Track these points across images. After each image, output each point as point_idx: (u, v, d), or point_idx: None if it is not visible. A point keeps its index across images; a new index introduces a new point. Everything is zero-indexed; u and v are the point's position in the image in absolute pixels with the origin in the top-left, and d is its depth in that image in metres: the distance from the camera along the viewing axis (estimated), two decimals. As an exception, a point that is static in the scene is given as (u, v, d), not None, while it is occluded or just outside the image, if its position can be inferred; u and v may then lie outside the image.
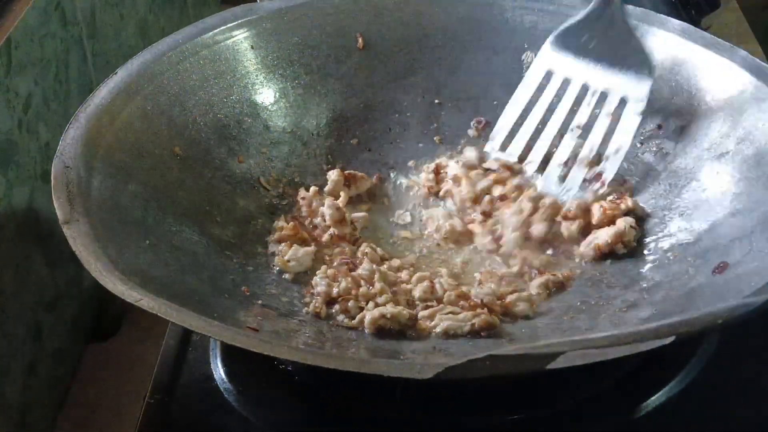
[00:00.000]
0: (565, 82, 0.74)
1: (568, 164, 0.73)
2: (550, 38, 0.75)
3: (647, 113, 0.73)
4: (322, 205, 0.73)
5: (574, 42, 0.74)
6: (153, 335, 0.84)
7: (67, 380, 0.86)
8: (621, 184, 0.74)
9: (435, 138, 0.81)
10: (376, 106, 0.82)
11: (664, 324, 0.48)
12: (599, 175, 0.72)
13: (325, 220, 0.72)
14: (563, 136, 0.74)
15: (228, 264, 0.68)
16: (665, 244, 0.68)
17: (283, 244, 0.71)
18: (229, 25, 0.78)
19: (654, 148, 0.75)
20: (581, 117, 0.73)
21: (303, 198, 0.74)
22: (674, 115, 0.74)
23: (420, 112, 0.82)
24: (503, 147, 0.75)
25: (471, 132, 0.81)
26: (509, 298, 0.66)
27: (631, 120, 0.72)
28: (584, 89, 0.73)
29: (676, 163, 0.73)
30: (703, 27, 0.81)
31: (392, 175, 0.79)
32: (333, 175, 0.76)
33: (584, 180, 0.72)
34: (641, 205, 0.72)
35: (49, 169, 0.63)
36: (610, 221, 0.71)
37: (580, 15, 0.74)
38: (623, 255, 0.69)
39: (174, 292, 0.58)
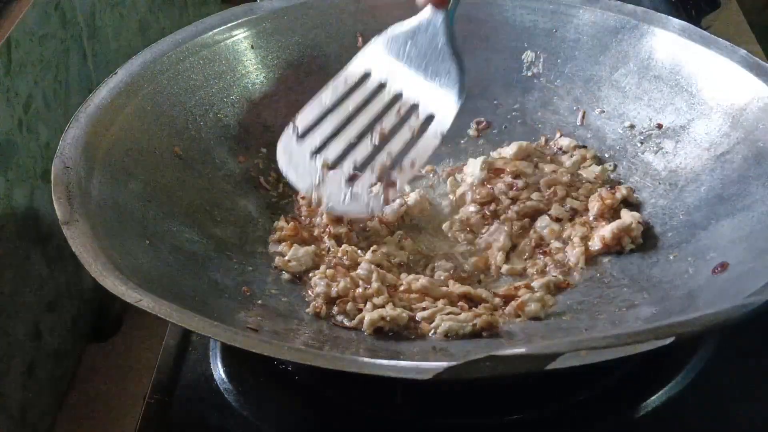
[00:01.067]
0: (381, 86, 0.71)
1: (359, 169, 0.69)
2: (380, 37, 0.72)
3: (644, 114, 0.73)
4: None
5: (399, 47, 0.71)
6: (153, 335, 0.84)
7: (67, 380, 0.86)
8: (612, 187, 0.74)
9: (435, 138, 0.81)
10: (376, 106, 0.81)
11: (664, 324, 0.48)
12: (390, 183, 0.68)
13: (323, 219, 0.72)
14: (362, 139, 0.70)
15: (228, 264, 0.68)
16: (665, 243, 0.68)
17: (283, 244, 0.71)
18: (229, 25, 0.79)
19: (654, 148, 0.75)
20: (386, 123, 0.70)
21: (302, 198, 0.74)
22: (674, 114, 0.74)
23: (420, 112, 0.82)
24: (302, 136, 0.70)
25: (471, 132, 0.81)
26: (522, 298, 0.65)
27: (431, 139, 0.68)
28: (396, 97, 0.70)
29: (676, 163, 0.73)
30: (703, 27, 0.81)
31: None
32: None
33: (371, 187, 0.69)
34: (632, 191, 0.73)
35: (49, 169, 0.63)
36: (610, 209, 0.71)
37: (411, 22, 0.71)
38: (623, 255, 0.69)
39: (174, 292, 0.58)
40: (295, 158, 0.70)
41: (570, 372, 0.48)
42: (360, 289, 0.66)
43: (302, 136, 0.71)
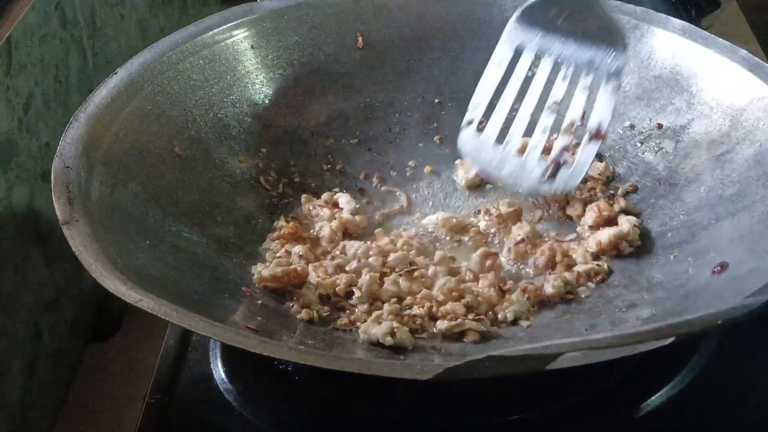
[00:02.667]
0: (537, 58, 0.70)
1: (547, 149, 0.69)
2: (516, 14, 0.71)
3: (645, 112, 0.73)
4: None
5: (540, 18, 0.70)
6: (153, 335, 0.84)
7: (67, 380, 0.86)
8: (612, 198, 0.74)
9: (435, 138, 0.81)
10: (376, 106, 0.82)
11: (664, 325, 0.48)
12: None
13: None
14: (540, 114, 0.70)
15: (228, 264, 0.68)
16: (665, 243, 0.68)
17: (275, 242, 0.71)
18: (229, 25, 0.79)
19: (654, 148, 0.75)
20: (557, 93, 0.69)
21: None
22: (674, 114, 0.74)
23: (420, 112, 0.82)
24: (480, 128, 0.70)
25: (471, 132, 0.81)
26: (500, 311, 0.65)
27: (608, 96, 0.67)
28: (557, 65, 0.70)
29: (676, 163, 0.73)
30: (703, 27, 0.81)
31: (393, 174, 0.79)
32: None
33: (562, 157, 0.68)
34: (632, 204, 0.73)
35: (49, 169, 0.63)
36: (606, 222, 0.71)
37: None
38: (621, 255, 0.69)
39: (174, 292, 0.59)
40: (483, 154, 0.70)
41: (570, 372, 0.48)
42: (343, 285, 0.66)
43: (480, 129, 0.70)
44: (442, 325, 0.63)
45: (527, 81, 0.70)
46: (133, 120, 0.70)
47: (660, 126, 0.75)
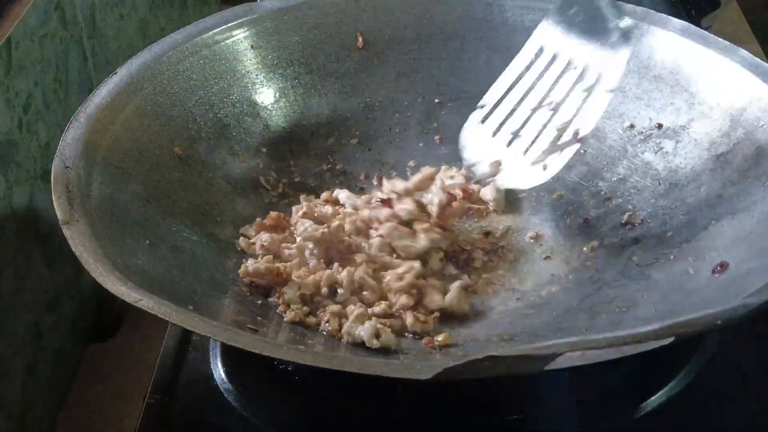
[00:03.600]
0: (553, 58, 0.72)
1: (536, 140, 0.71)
2: (550, 12, 0.73)
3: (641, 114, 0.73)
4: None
5: (564, 16, 0.72)
6: (153, 335, 0.84)
7: (67, 380, 0.86)
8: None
9: (435, 137, 0.81)
10: (376, 106, 0.82)
11: (664, 325, 0.48)
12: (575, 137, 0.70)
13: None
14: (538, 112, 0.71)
15: (228, 264, 0.68)
16: (665, 243, 0.68)
17: (251, 227, 0.72)
18: (229, 25, 0.79)
19: (654, 148, 0.75)
20: (558, 94, 0.71)
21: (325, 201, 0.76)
22: (674, 114, 0.74)
23: (420, 112, 0.82)
24: (483, 120, 0.73)
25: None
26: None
27: (600, 97, 0.68)
28: (568, 65, 0.71)
29: (676, 163, 0.73)
30: (703, 27, 0.81)
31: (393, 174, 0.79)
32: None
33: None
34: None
35: (49, 169, 0.63)
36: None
37: None
38: (623, 255, 0.69)
39: (174, 292, 0.59)
40: (477, 141, 0.73)
41: (570, 372, 0.48)
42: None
43: (484, 120, 0.72)
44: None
45: (538, 79, 0.72)
46: (133, 120, 0.70)
47: (660, 126, 0.75)
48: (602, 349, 0.48)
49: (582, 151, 0.77)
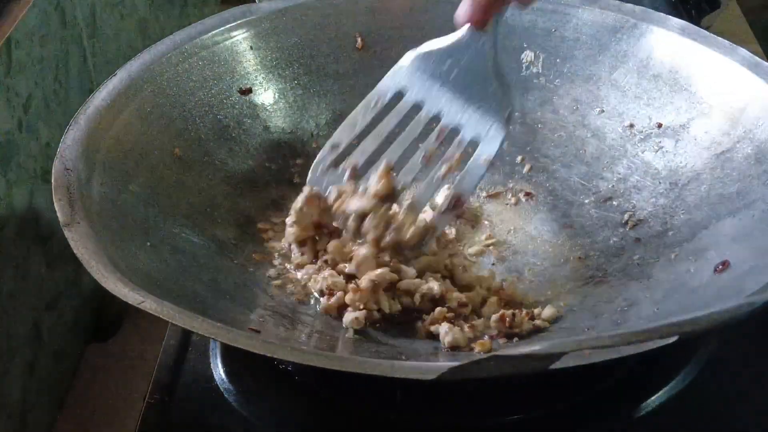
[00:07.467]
0: (416, 107, 0.66)
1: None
2: (411, 55, 0.67)
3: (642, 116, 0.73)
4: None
5: (434, 67, 0.65)
6: (153, 335, 0.84)
7: (67, 380, 0.86)
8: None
9: (435, 138, 0.81)
10: (376, 107, 0.81)
11: (667, 323, 0.48)
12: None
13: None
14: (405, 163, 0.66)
15: (229, 265, 0.68)
16: (666, 242, 0.68)
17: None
18: (228, 26, 0.78)
19: (654, 147, 0.75)
20: (427, 147, 0.66)
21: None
22: (674, 113, 0.75)
23: (419, 112, 0.82)
24: (335, 164, 0.67)
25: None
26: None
27: (477, 168, 0.64)
28: (434, 120, 0.66)
29: (677, 162, 0.73)
30: (703, 26, 0.81)
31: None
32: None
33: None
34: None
35: (49, 170, 0.63)
36: None
37: (448, 39, 0.65)
38: (623, 254, 0.69)
39: (175, 293, 0.59)
40: (327, 178, 0.67)
41: (571, 372, 0.48)
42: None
43: (336, 161, 0.67)
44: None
45: (399, 126, 0.67)
46: (132, 122, 0.70)
47: (660, 125, 0.75)
48: (606, 348, 0.48)
49: (582, 151, 0.77)
